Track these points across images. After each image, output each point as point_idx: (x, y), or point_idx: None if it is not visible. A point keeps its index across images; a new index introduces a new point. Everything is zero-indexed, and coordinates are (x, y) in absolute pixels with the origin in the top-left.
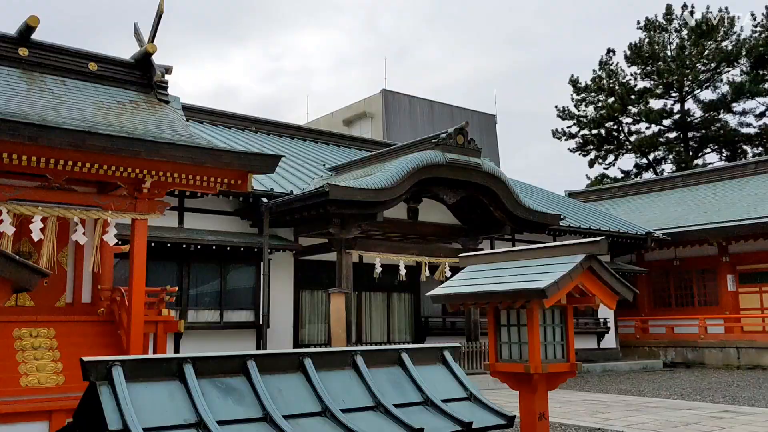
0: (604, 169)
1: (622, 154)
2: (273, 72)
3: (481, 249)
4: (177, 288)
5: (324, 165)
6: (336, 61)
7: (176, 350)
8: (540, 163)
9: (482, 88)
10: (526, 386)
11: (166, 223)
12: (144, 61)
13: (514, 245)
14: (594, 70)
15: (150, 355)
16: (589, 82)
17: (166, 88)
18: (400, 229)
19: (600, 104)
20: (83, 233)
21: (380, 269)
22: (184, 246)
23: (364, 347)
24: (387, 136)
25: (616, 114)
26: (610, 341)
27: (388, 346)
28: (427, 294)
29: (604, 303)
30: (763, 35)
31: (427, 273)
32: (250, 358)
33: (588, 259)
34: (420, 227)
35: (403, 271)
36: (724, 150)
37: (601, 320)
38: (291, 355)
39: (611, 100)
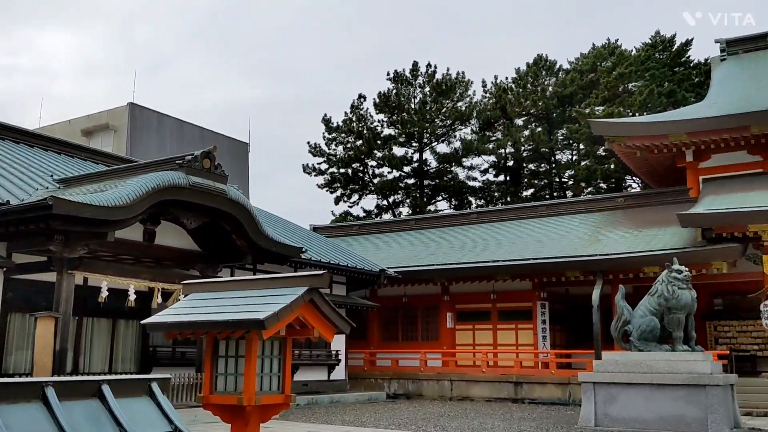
0: (349, 207)
1: (366, 195)
2: (6, 68)
3: (221, 277)
4: None
5: (52, 176)
6: (82, 66)
7: None
8: (290, 196)
9: (237, 116)
10: (238, 419)
11: None
12: None
13: (255, 275)
14: (346, 113)
15: None
16: (340, 123)
17: None
18: (133, 251)
19: (349, 145)
20: None
21: (107, 293)
22: None
23: (56, 378)
24: (130, 152)
25: (362, 156)
26: (340, 373)
27: (86, 378)
28: (143, 322)
29: (322, 335)
30: (491, 101)
31: (160, 299)
32: None
33: (310, 291)
34: (156, 251)
35: (132, 297)
36: (453, 199)
37: (333, 352)
38: None
39: (359, 142)
